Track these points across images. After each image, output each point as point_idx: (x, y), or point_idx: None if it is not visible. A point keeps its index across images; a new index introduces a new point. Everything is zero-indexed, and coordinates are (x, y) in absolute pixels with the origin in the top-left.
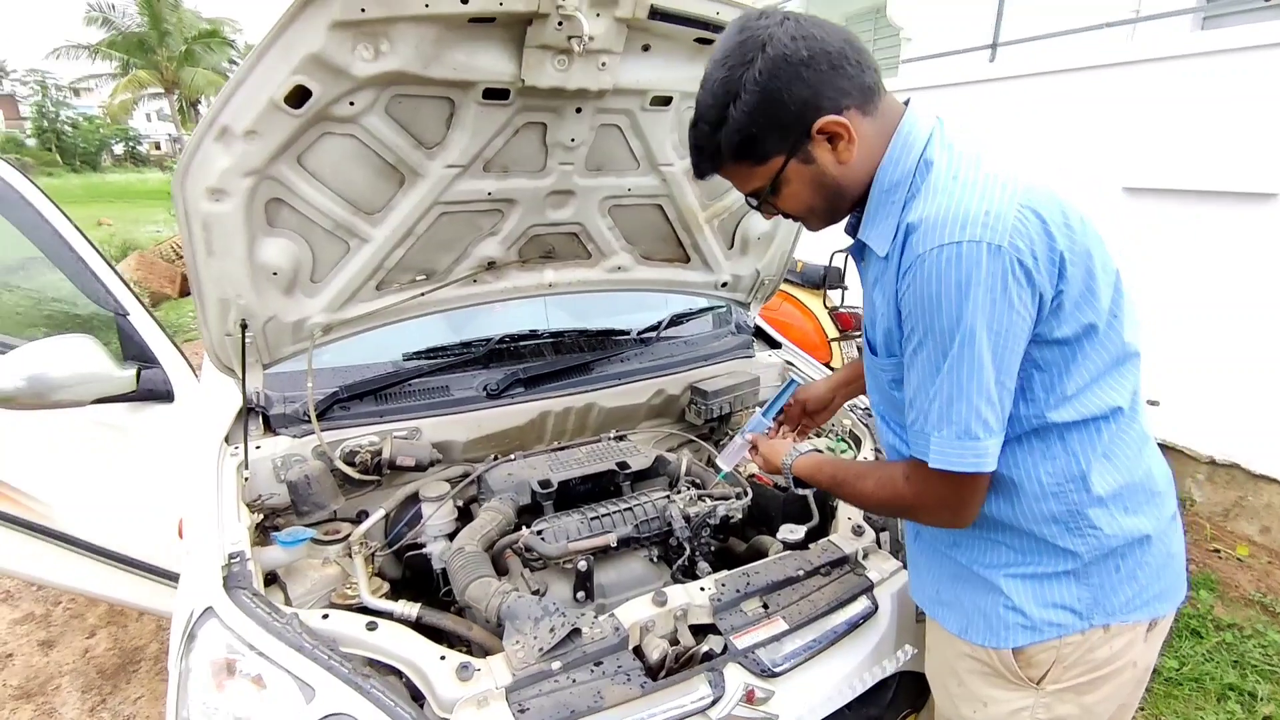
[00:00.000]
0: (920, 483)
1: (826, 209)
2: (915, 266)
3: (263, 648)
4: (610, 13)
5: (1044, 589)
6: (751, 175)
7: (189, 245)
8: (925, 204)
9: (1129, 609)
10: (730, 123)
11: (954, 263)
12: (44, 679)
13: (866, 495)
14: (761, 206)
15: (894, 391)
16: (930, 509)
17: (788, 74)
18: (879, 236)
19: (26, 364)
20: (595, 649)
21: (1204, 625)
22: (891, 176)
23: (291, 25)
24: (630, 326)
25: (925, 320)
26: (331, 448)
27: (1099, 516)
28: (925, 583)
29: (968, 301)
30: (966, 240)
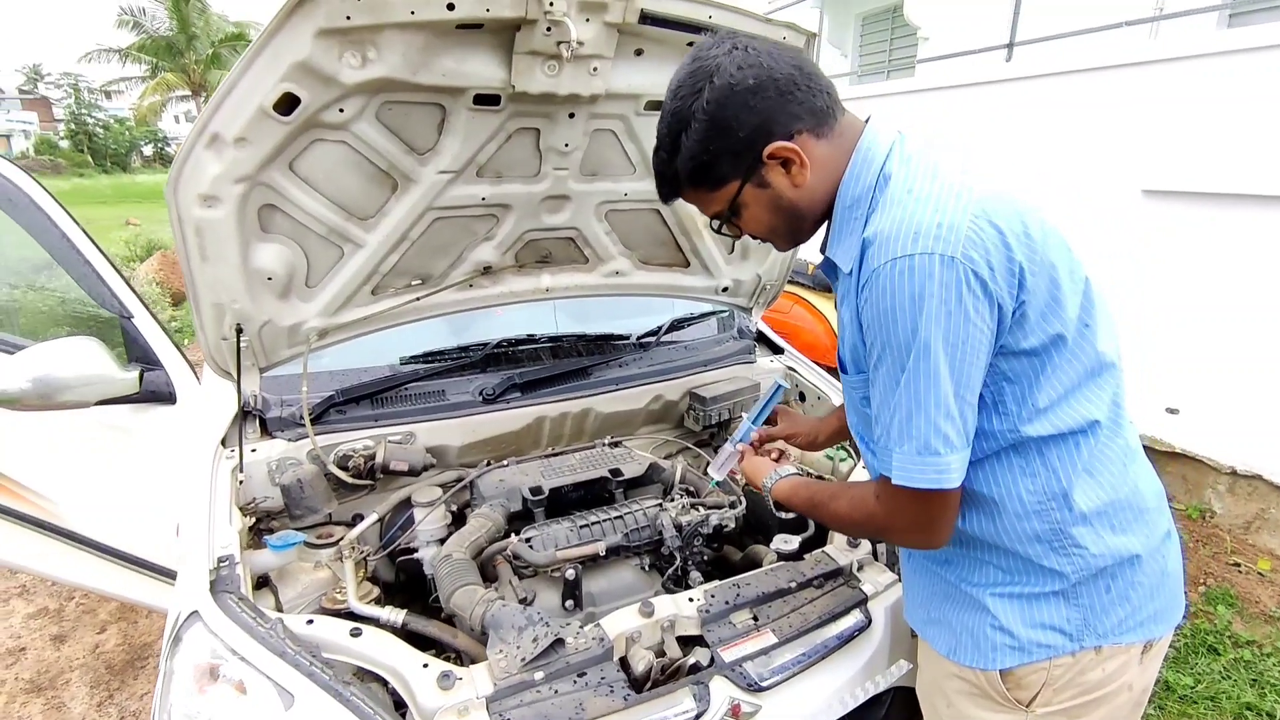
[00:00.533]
0: (889, 501)
1: (788, 230)
2: (871, 280)
3: (245, 653)
4: (600, 18)
5: (1031, 609)
6: (710, 200)
7: (183, 251)
8: (880, 218)
9: (1121, 630)
10: (683, 151)
11: (906, 275)
12: (55, 673)
13: (841, 517)
14: (724, 229)
15: (865, 409)
16: (901, 529)
17: (735, 102)
18: (844, 253)
19: (32, 366)
20: (579, 660)
21: (1221, 641)
22: (853, 193)
23: (278, 33)
24: (631, 331)
25: (883, 334)
26: (326, 452)
27: (1084, 535)
28: (917, 602)
29: (921, 314)
30: (919, 253)
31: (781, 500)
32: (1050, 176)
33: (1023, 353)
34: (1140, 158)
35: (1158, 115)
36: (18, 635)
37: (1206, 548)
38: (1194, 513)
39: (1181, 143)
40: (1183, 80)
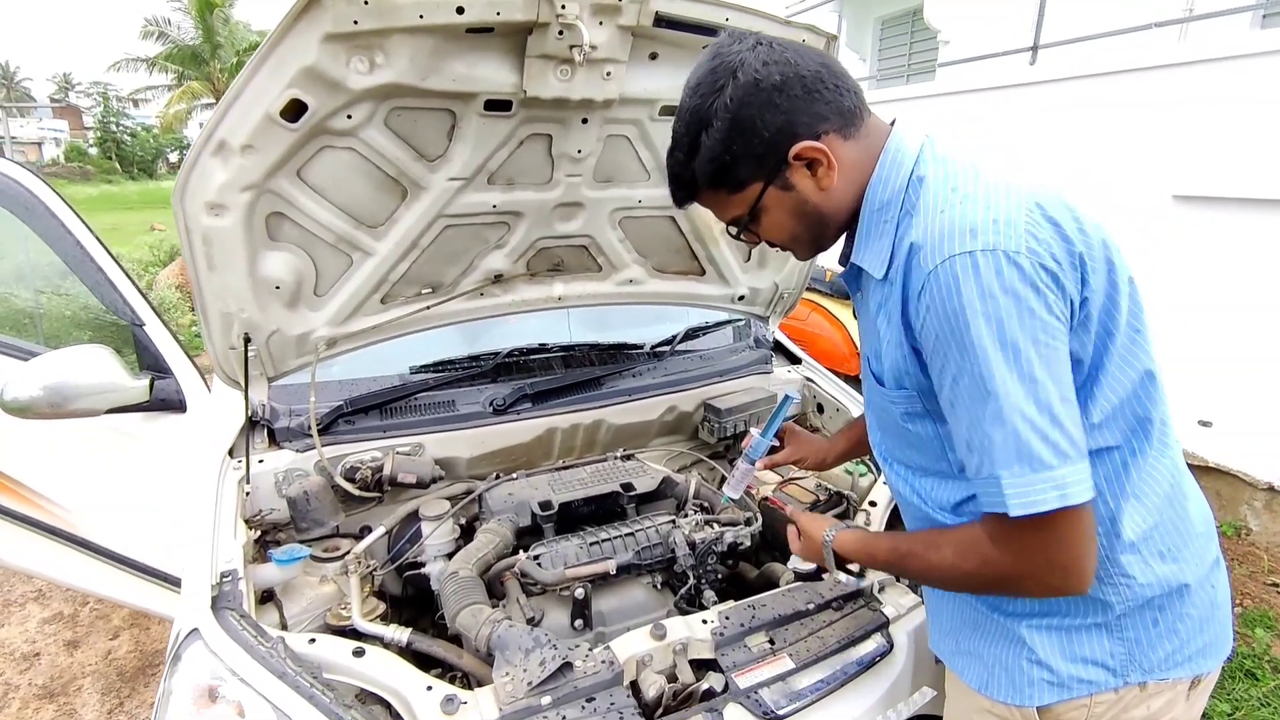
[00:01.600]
0: (1013, 539)
1: (811, 237)
2: (928, 284)
3: (245, 674)
4: (613, 21)
5: (1072, 642)
6: (729, 204)
7: (190, 260)
8: (925, 219)
9: (1168, 665)
10: (703, 152)
11: (972, 273)
12: (67, 679)
13: (944, 569)
14: (742, 235)
15: (907, 425)
16: (1034, 572)
17: (759, 100)
18: (873, 258)
19: (44, 374)
20: (587, 684)
21: (1260, 666)
22: (881, 196)
23: (285, 39)
24: (646, 340)
25: (955, 342)
26: (333, 463)
27: (1131, 563)
28: (945, 631)
29: (999, 312)
30: (980, 249)
31: (849, 556)
32: (1078, 182)
33: (1080, 360)
34: (1171, 162)
35: (1190, 119)
36: (32, 640)
37: (1243, 567)
38: (1229, 530)
39: (1214, 147)
40: (1215, 82)
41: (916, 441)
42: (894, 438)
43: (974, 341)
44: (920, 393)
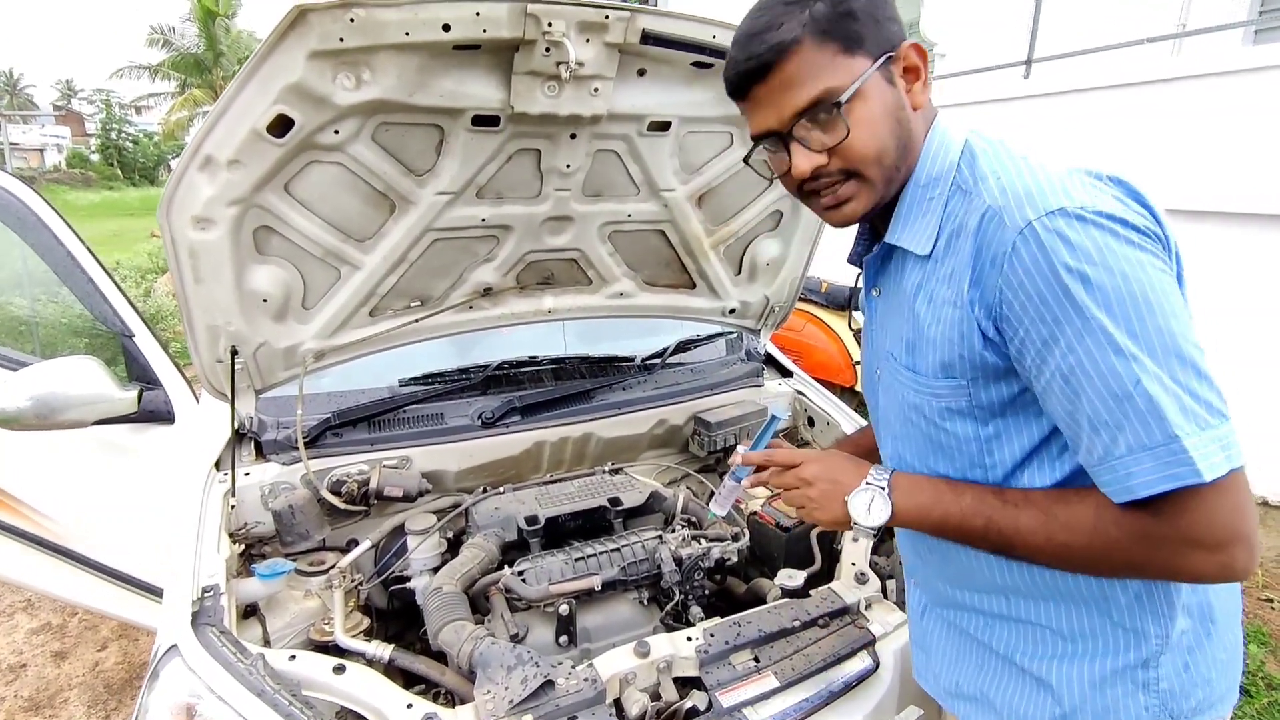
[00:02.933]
0: (1186, 511)
1: (893, 160)
2: (1020, 245)
3: (223, 692)
4: (600, 38)
5: (1104, 695)
6: (831, 68)
7: (176, 273)
8: (998, 184)
9: (1197, 713)
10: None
11: (1080, 227)
12: (54, 691)
13: (1073, 549)
14: (814, 134)
15: (943, 426)
16: (1221, 541)
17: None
18: (915, 236)
19: (31, 385)
20: (569, 702)
21: (1254, 683)
22: (930, 172)
23: (271, 55)
24: (638, 352)
25: (1070, 303)
26: (320, 476)
27: (1180, 591)
28: (939, 669)
29: (1118, 264)
30: (1079, 207)
31: (907, 507)
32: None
33: None
34: (1163, 177)
35: (1181, 133)
36: (20, 651)
37: None
38: None
39: (1205, 162)
40: (1207, 97)
41: (949, 446)
42: (918, 444)
43: (1094, 300)
44: (972, 382)
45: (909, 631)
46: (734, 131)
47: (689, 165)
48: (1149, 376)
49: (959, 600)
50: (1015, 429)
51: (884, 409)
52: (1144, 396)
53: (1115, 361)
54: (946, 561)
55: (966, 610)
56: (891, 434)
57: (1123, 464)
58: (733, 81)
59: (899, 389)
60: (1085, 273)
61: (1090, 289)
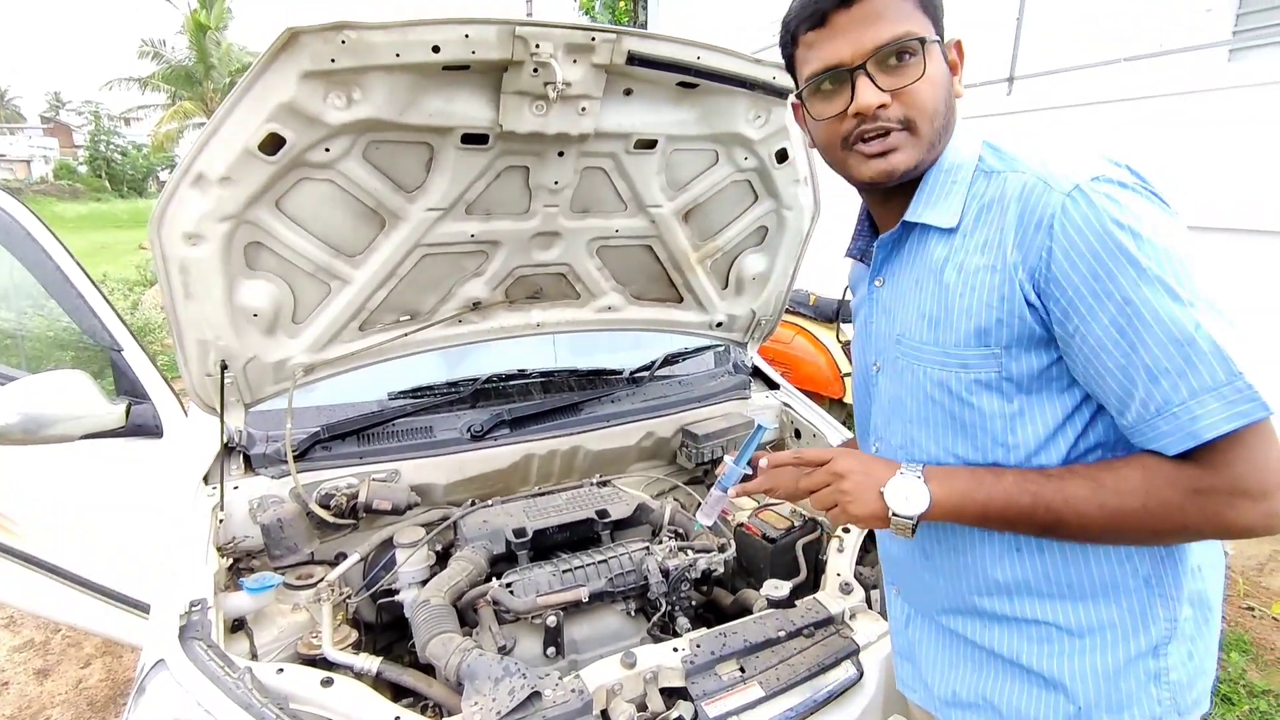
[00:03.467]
0: (1230, 461)
1: (941, 126)
2: (1068, 208)
3: (209, 705)
4: (587, 59)
5: (1114, 688)
6: (914, 17)
7: (166, 289)
8: (1029, 164)
9: (1196, 706)
10: None
11: (1122, 192)
12: (36, 709)
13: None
14: (885, 72)
15: (970, 400)
16: (1269, 489)
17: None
18: (940, 212)
19: (19, 400)
20: (556, 714)
21: (1235, 690)
22: (953, 159)
23: (264, 75)
24: (626, 365)
25: (1125, 258)
26: (309, 489)
27: (1189, 577)
28: (932, 679)
29: (1164, 224)
30: (1116, 180)
31: (949, 498)
32: None
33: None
34: None
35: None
36: (1, 668)
37: None
38: None
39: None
40: (1186, 113)
41: (971, 424)
42: (938, 425)
43: (1148, 255)
44: (1006, 350)
45: (892, 643)
46: (719, 150)
47: (675, 182)
48: (1206, 319)
49: (956, 605)
50: (1039, 406)
51: (894, 399)
52: (1207, 339)
53: (1174, 308)
54: (948, 563)
55: (963, 615)
56: (904, 419)
57: (1186, 409)
58: (811, 7)
59: (918, 370)
60: (1137, 229)
61: (1142, 243)
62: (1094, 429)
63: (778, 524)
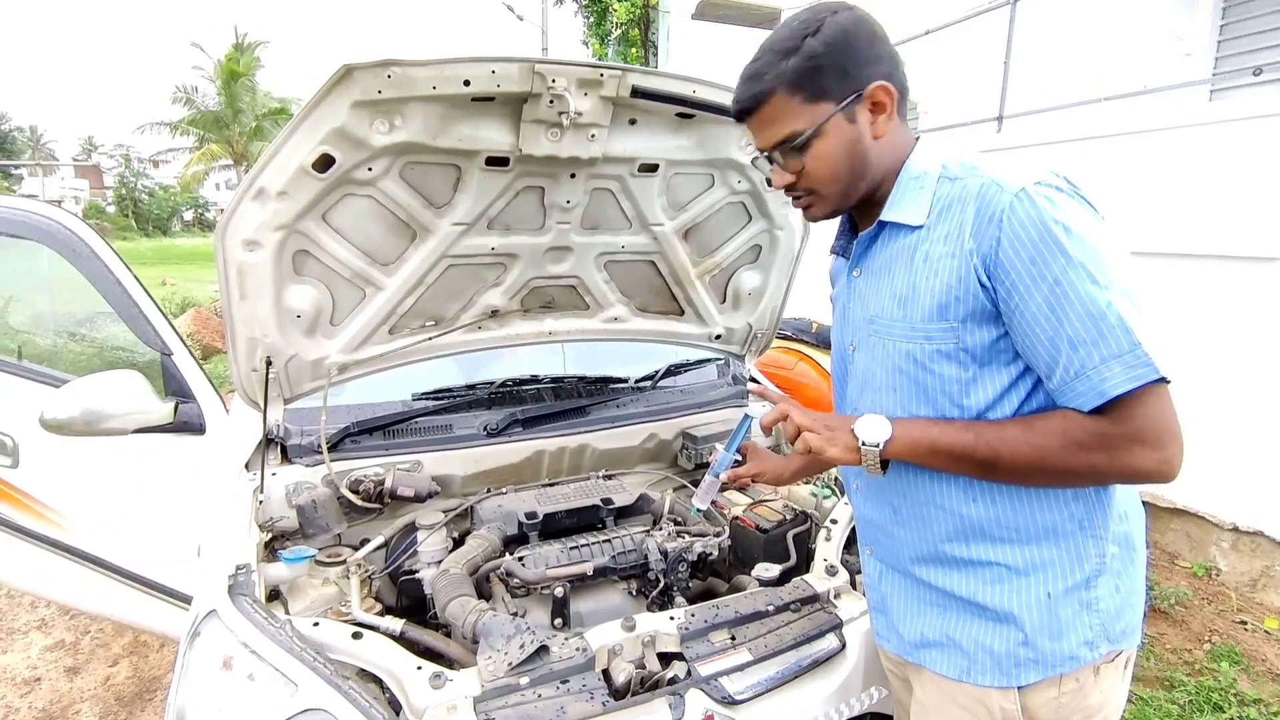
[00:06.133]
0: (1134, 415)
1: (846, 184)
2: (1015, 206)
3: (256, 647)
4: (596, 93)
5: (1055, 617)
6: (796, 115)
7: (224, 290)
8: (985, 171)
9: (1125, 635)
10: (803, 50)
11: (1057, 194)
12: (66, 704)
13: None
14: (785, 160)
15: (931, 368)
16: (1154, 439)
17: (865, 33)
18: (909, 211)
19: (81, 395)
20: (562, 667)
21: (1226, 699)
22: (921, 165)
23: (320, 104)
24: (630, 375)
25: (1056, 247)
26: (339, 477)
27: (1113, 520)
28: (902, 626)
29: (1087, 221)
30: (1053, 185)
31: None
32: None
33: None
34: (1128, 222)
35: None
36: (34, 666)
37: (1212, 605)
38: (1200, 571)
39: (1167, 208)
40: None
41: (932, 389)
42: (904, 390)
43: (1074, 246)
44: (962, 323)
45: (867, 600)
46: (715, 174)
47: (676, 203)
48: (1118, 301)
49: (921, 554)
50: (990, 374)
51: (866, 371)
52: (1115, 315)
53: (1093, 289)
54: (914, 516)
55: (928, 563)
56: (874, 388)
57: (1097, 372)
58: (734, 112)
59: (888, 344)
60: (1068, 224)
61: (1071, 237)
62: (1035, 396)
63: (770, 517)
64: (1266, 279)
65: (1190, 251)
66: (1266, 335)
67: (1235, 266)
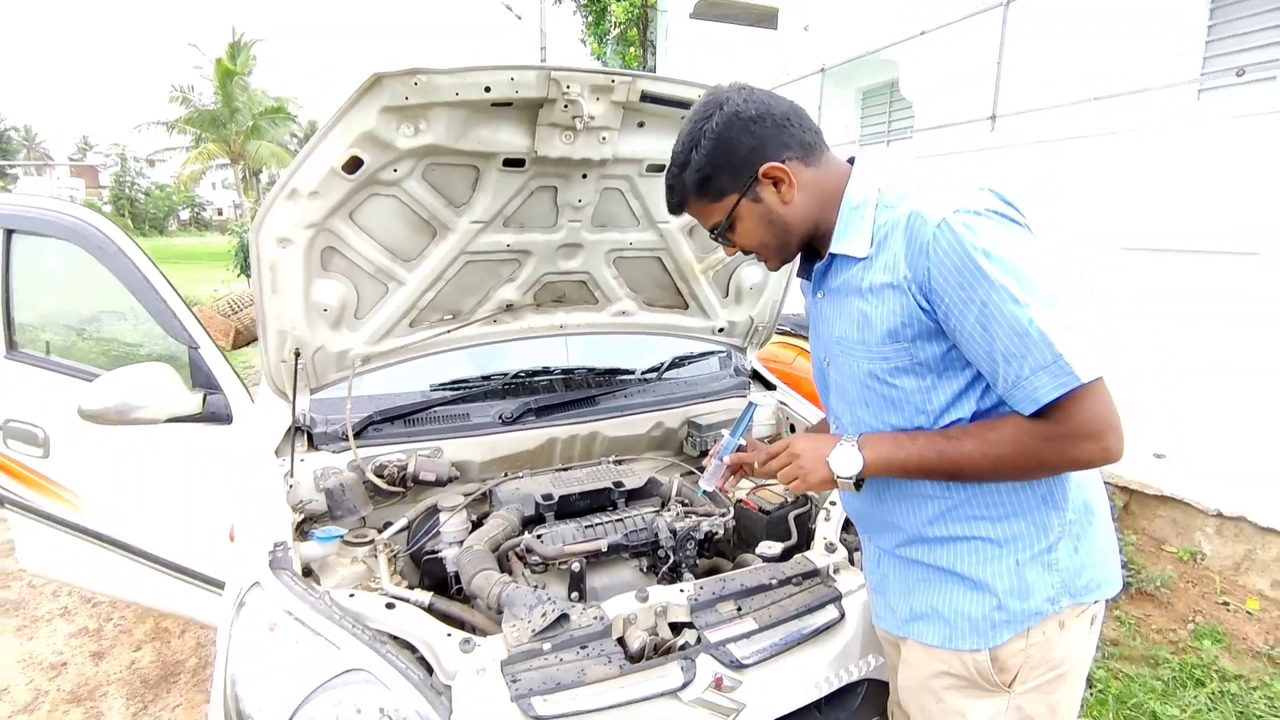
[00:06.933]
0: (1071, 413)
1: (777, 244)
2: (939, 236)
3: (299, 614)
4: (608, 97)
5: (1023, 580)
6: (711, 211)
7: (259, 284)
8: (914, 198)
9: (1088, 590)
10: (692, 164)
11: (975, 219)
12: (93, 686)
13: (998, 459)
14: (721, 240)
15: (893, 383)
16: (1093, 433)
17: (739, 127)
18: (854, 243)
19: (115, 387)
20: (582, 634)
21: (1208, 675)
22: (859, 194)
23: (351, 109)
24: (636, 368)
25: (978, 273)
26: (364, 462)
27: (1071, 488)
28: (896, 603)
29: (1004, 242)
30: (971, 209)
31: (876, 457)
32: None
33: None
34: (1119, 218)
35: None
36: (60, 651)
37: (1196, 588)
38: (1185, 555)
39: (1157, 204)
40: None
41: (896, 401)
42: (875, 403)
43: (994, 268)
44: (912, 342)
45: (867, 582)
46: None
47: None
48: (1039, 316)
49: (910, 537)
50: (946, 380)
51: (839, 385)
52: (1037, 331)
53: (1014, 309)
54: (900, 511)
55: (916, 543)
56: (849, 402)
57: (1029, 382)
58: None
59: (853, 363)
60: (987, 249)
61: (991, 260)
62: (990, 394)
63: (772, 499)
64: (1250, 273)
65: (1176, 247)
66: (1252, 329)
67: (1220, 261)
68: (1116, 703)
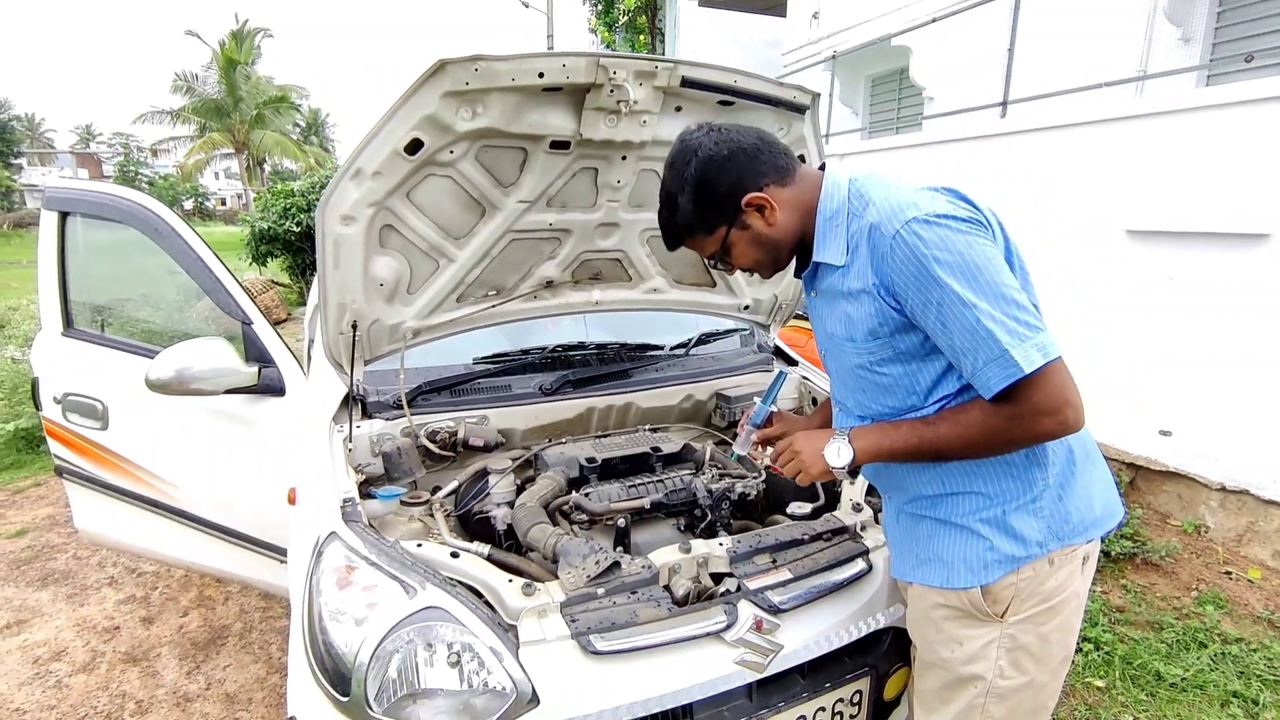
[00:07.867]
0: (1028, 398)
1: (769, 260)
2: (895, 246)
3: (376, 559)
4: (650, 83)
5: (1011, 524)
6: (705, 243)
7: (322, 260)
8: (875, 208)
9: (1075, 533)
10: (680, 209)
11: (924, 228)
12: (147, 648)
13: (970, 442)
14: (720, 265)
15: (881, 372)
16: (1052, 410)
17: (714, 168)
18: (833, 252)
19: (177, 359)
20: (632, 580)
21: (1211, 638)
22: (830, 208)
23: (415, 94)
24: (665, 343)
25: (930, 279)
26: (418, 428)
27: (1051, 446)
28: (906, 554)
29: (952, 248)
30: (922, 215)
31: (865, 448)
32: (1044, 219)
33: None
34: (1124, 201)
35: (1140, 164)
36: (111, 616)
37: (1200, 559)
38: (1190, 529)
39: (1161, 188)
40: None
41: (888, 386)
42: (869, 390)
43: (945, 273)
44: (892, 336)
45: (886, 537)
46: None
47: None
48: (985, 316)
49: (918, 493)
50: (927, 364)
51: (837, 373)
52: (984, 329)
53: (963, 310)
54: (905, 473)
55: (924, 499)
56: (847, 387)
57: (983, 374)
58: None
59: (844, 357)
60: (937, 256)
61: (941, 266)
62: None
63: None
64: (1256, 255)
65: (1184, 229)
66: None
67: (1227, 243)
68: (1122, 663)
